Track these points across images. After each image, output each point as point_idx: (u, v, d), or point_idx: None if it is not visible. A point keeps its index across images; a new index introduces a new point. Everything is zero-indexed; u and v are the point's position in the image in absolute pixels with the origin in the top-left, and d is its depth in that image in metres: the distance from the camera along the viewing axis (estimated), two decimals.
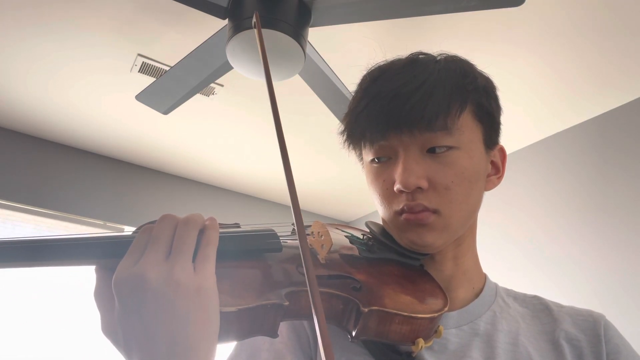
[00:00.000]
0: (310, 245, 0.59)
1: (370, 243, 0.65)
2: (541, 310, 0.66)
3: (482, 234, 0.71)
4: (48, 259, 0.45)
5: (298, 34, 1.53)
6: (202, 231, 0.47)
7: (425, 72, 0.60)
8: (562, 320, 0.63)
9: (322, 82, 1.86)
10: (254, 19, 0.61)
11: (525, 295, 0.70)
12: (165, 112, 2.10)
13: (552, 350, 0.61)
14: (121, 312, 0.43)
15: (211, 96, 2.46)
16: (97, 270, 0.48)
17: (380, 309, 0.53)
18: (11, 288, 2.69)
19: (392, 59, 0.66)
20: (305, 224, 0.54)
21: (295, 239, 0.59)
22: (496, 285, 0.70)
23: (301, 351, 0.60)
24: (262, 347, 0.60)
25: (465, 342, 0.61)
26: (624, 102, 2.24)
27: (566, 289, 2.18)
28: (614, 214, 2.13)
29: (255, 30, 0.62)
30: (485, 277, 0.70)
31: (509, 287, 0.73)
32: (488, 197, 0.67)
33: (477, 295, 0.66)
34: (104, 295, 0.46)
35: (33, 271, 2.72)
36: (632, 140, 2.16)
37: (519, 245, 2.47)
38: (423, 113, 0.58)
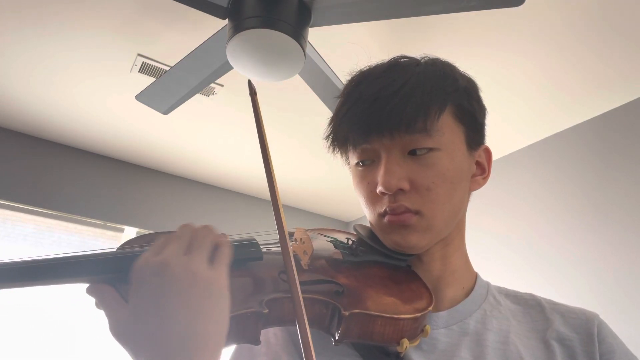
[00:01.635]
0: (293, 251, 0.60)
1: (354, 246, 0.65)
2: (533, 307, 0.66)
3: (479, 236, 0.71)
4: (60, 278, 0.47)
5: (298, 34, 1.53)
6: (216, 243, 0.51)
7: (405, 75, 0.61)
8: (554, 319, 0.63)
9: (322, 82, 1.86)
10: (249, 87, 0.63)
11: (517, 292, 0.70)
12: (165, 112, 2.10)
13: (543, 349, 0.60)
14: (137, 301, 0.45)
15: (211, 96, 2.46)
16: (98, 287, 0.49)
17: (362, 311, 0.54)
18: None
19: (376, 63, 0.66)
20: (288, 230, 0.55)
21: (279, 247, 0.60)
22: (488, 284, 0.70)
23: (297, 353, 0.61)
24: (259, 351, 0.60)
25: (455, 342, 0.61)
26: (620, 104, 2.24)
27: (564, 291, 2.18)
28: (610, 215, 2.13)
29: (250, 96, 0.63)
30: (476, 275, 0.70)
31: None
32: (485, 199, 0.67)
33: (467, 294, 0.66)
34: (109, 299, 0.47)
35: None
36: (628, 142, 2.16)
37: (516, 248, 2.47)
38: (402, 116, 0.59)
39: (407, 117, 0.58)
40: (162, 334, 0.43)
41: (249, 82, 0.62)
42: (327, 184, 3.34)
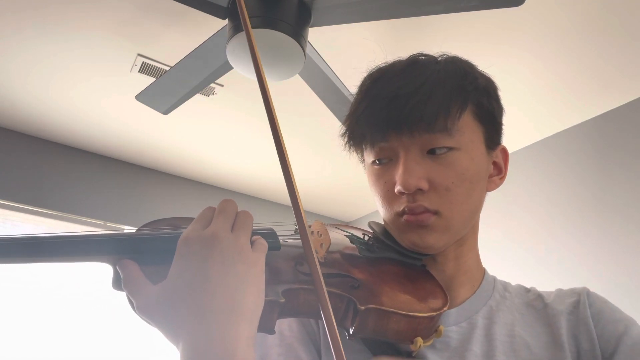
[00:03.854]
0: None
1: (371, 242, 0.65)
2: (534, 299, 0.67)
3: (483, 234, 0.71)
4: (85, 254, 0.47)
5: (298, 34, 1.53)
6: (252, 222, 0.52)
7: (425, 73, 0.60)
8: (551, 302, 0.65)
9: (322, 82, 1.86)
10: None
11: (520, 287, 0.71)
12: (165, 112, 2.10)
13: (549, 332, 0.62)
14: (182, 270, 0.45)
15: (211, 96, 2.46)
16: (126, 262, 0.48)
17: (378, 307, 0.53)
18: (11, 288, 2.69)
19: (393, 60, 0.65)
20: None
21: (296, 239, 0.60)
22: (494, 279, 0.70)
23: (311, 343, 0.61)
24: (273, 343, 0.60)
25: (465, 338, 0.61)
26: (624, 102, 2.24)
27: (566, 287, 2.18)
28: (613, 213, 2.13)
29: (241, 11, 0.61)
30: (484, 271, 0.70)
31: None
32: (489, 197, 0.67)
33: (475, 291, 0.67)
34: (136, 280, 0.47)
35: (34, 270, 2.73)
36: (631, 140, 2.16)
37: (520, 245, 2.47)
38: (422, 114, 0.58)
39: (428, 115, 0.58)
40: (208, 304, 0.44)
41: None
42: (328, 183, 3.34)
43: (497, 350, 0.59)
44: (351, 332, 0.54)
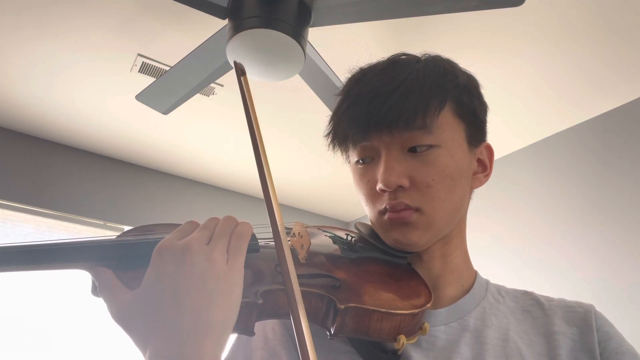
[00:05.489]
0: (291, 245, 0.60)
1: (353, 242, 0.65)
2: (532, 305, 0.66)
3: (478, 236, 0.71)
4: (59, 262, 0.47)
5: (298, 34, 1.53)
6: (237, 235, 0.52)
7: (405, 72, 0.61)
8: (553, 315, 0.63)
9: (322, 82, 1.86)
10: (236, 67, 0.62)
11: (516, 290, 0.70)
12: (165, 112, 2.10)
13: (545, 344, 0.60)
14: (153, 281, 0.46)
15: (211, 96, 2.46)
16: (100, 270, 0.49)
17: (358, 305, 0.54)
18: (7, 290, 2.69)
19: (376, 61, 0.66)
20: (286, 225, 0.56)
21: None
22: (487, 282, 0.70)
23: (294, 347, 0.61)
24: (257, 346, 0.61)
25: (454, 339, 0.61)
26: (618, 105, 2.25)
27: (563, 291, 2.18)
28: (609, 215, 2.13)
29: (240, 77, 0.62)
30: (475, 274, 0.70)
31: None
32: (484, 199, 0.68)
33: (466, 292, 0.66)
34: (111, 287, 0.48)
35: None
36: (626, 142, 2.16)
37: (515, 248, 2.47)
38: (401, 113, 0.58)
39: (407, 113, 0.58)
40: (175, 316, 0.44)
41: (235, 62, 0.62)
42: (328, 183, 3.34)
43: (487, 355, 0.58)
44: (332, 331, 0.54)
